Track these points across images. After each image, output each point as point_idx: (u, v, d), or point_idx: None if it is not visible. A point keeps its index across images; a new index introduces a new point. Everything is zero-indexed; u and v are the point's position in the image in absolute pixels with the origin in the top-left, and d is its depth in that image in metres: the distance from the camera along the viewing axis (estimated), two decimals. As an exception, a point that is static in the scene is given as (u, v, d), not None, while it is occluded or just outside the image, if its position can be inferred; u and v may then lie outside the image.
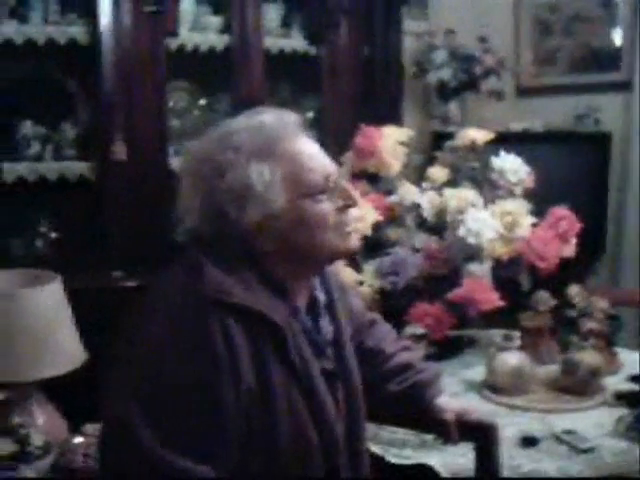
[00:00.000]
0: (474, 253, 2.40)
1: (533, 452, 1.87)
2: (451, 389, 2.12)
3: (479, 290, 2.32)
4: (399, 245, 2.49)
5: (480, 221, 2.38)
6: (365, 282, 2.42)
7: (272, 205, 1.40)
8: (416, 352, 1.88)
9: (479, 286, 2.33)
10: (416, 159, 2.85)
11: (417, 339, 2.21)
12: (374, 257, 2.46)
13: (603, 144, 3.90)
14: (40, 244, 3.05)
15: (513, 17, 4.30)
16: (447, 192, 2.52)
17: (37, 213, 3.06)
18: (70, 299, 2.19)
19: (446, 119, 4.26)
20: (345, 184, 1.50)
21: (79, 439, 1.99)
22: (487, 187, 2.58)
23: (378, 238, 2.49)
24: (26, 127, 3.01)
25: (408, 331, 2.23)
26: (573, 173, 3.80)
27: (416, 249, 2.47)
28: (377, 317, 1.80)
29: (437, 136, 3.96)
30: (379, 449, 1.88)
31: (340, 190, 1.47)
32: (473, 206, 2.45)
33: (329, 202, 1.44)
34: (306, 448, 1.40)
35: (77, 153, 3.09)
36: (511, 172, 2.56)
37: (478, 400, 2.17)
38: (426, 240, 2.49)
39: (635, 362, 2.34)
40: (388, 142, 2.61)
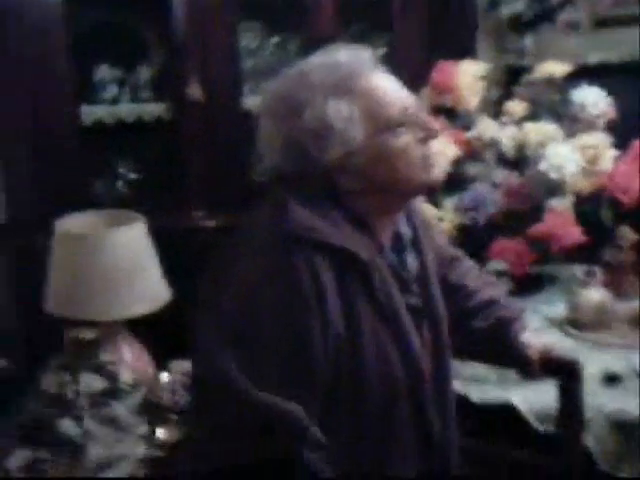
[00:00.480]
0: (555, 188, 2.37)
1: (616, 391, 1.86)
2: (532, 325, 2.09)
3: (561, 225, 2.29)
4: (478, 181, 2.47)
5: (562, 155, 2.35)
6: (445, 218, 2.41)
7: (352, 142, 1.39)
8: (500, 288, 1.86)
9: (561, 221, 2.30)
10: (493, 94, 2.80)
11: (498, 275, 2.20)
12: (453, 193, 2.45)
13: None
14: (120, 185, 3.09)
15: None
16: (527, 126, 2.48)
17: (116, 155, 3.10)
18: (152, 239, 2.21)
19: (521, 53, 4.15)
20: (424, 115, 1.48)
21: (166, 376, 2.04)
22: (567, 120, 2.53)
23: (457, 174, 2.47)
24: (103, 71, 3.03)
25: (489, 267, 2.22)
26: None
27: (496, 184, 2.44)
28: (460, 253, 1.79)
29: (511, 70, 3.88)
30: (460, 385, 1.87)
31: (420, 122, 1.45)
32: (554, 140, 2.40)
33: (409, 135, 1.42)
34: (393, 386, 1.41)
35: (153, 95, 3.10)
36: (592, 105, 2.51)
37: (560, 336, 2.16)
38: (506, 175, 2.46)
39: None
40: (465, 77, 2.58)
